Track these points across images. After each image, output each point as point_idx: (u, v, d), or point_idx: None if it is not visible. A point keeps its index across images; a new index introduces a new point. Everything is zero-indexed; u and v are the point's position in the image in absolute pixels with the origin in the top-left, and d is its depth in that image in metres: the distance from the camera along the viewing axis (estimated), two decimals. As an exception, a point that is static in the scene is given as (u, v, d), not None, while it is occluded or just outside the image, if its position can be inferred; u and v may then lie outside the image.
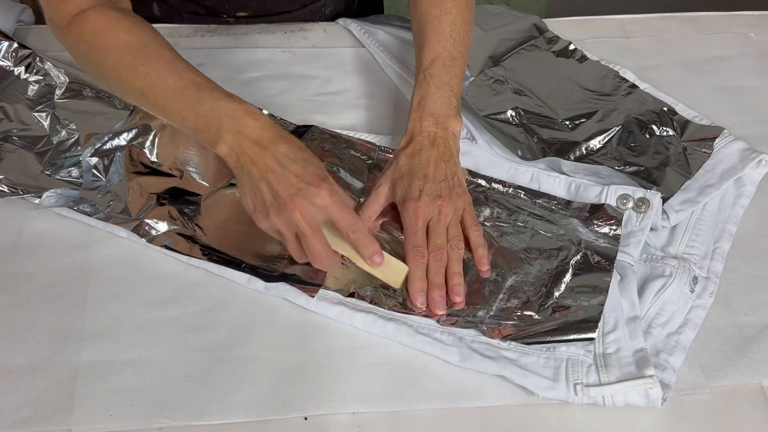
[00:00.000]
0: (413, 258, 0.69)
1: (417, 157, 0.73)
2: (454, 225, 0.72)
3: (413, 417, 0.64)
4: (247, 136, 0.65)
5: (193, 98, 0.67)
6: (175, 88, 0.68)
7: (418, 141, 0.74)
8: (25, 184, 0.77)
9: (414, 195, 0.71)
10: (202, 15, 0.97)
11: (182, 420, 0.63)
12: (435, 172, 0.72)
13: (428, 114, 0.75)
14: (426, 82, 0.76)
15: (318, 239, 0.65)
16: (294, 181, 0.64)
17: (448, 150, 0.74)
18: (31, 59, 0.87)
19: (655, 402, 0.63)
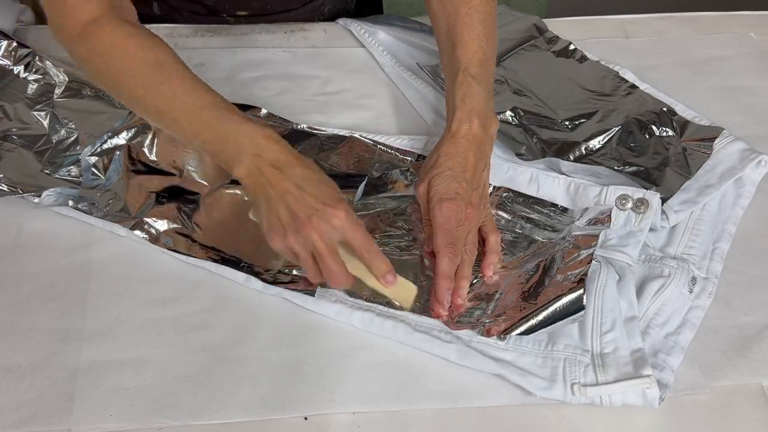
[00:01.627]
0: (447, 253, 0.69)
1: (459, 159, 0.73)
2: (473, 233, 0.72)
3: (413, 417, 0.64)
4: (266, 159, 0.66)
5: (212, 119, 0.68)
6: (193, 108, 0.68)
7: (462, 142, 0.73)
8: (24, 183, 0.77)
9: (451, 196, 0.71)
10: (202, 14, 0.97)
11: (182, 420, 0.63)
12: (473, 178, 0.72)
13: (474, 114, 0.74)
14: (467, 80, 0.75)
15: (334, 259, 0.65)
16: (311, 202, 0.64)
17: (485, 157, 0.75)
18: (30, 58, 0.87)
19: (653, 402, 0.63)
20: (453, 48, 0.77)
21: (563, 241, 0.72)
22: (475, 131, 0.73)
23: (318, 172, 0.67)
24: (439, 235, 0.70)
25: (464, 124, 0.74)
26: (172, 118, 0.69)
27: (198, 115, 0.68)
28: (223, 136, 0.67)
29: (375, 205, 0.77)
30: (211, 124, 0.67)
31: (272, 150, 0.66)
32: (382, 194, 0.77)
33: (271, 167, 0.66)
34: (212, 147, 0.68)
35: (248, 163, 0.66)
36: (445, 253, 0.69)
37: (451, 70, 0.77)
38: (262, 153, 0.66)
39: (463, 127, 0.74)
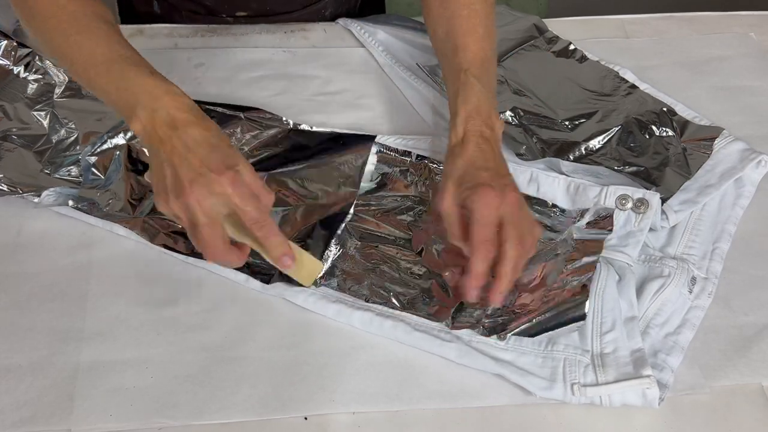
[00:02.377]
0: (485, 251, 0.64)
1: (475, 153, 0.69)
2: (526, 219, 0.67)
3: (413, 417, 0.64)
4: (161, 116, 0.62)
5: (117, 73, 0.65)
6: (103, 61, 0.66)
7: (473, 140, 0.70)
8: (24, 183, 0.77)
9: (486, 181, 0.66)
10: (201, 14, 0.97)
11: (182, 420, 0.63)
12: (497, 165, 0.70)
13: (476, 114, 0.72)
14: (470, 82, 0.73)
15: (211, 230, 0.60)
16: (196, 165, 0.60)
17: (498, 147, 0.72)
18: (30, 58, 0.87)
19: (653, 402, 0.63)
20: (454, 51, 0.76)
21: (564, 243, 0.72)
22: (482, 130, 0.72)
23: (216, 135, 0.62)
24: (477, 229, 0.64)
25: (470, 125, 0.72)
26: (83, 69, 0.67)
27: (105, 68, 0.65)
28: (124, 90, 0.64)
29: (375, 205, 0.77)
30: (116, 78, 0.65)
31: (170, 107, 0.63)
32: (382, 194, 0.77)
33: (165, 124, 0.62)
34: (114, 100, 0.66)
35: (143, 118, 0.63)
36: (480, 249, 0.64)
37: (452, 72, 0.76)
38: (159, 108, 0.63)
39: (469, 128, 0.72)
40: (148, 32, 0.94)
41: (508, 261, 0.63)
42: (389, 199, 0.77)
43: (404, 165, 0.80)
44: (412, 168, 0.80)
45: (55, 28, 0.68)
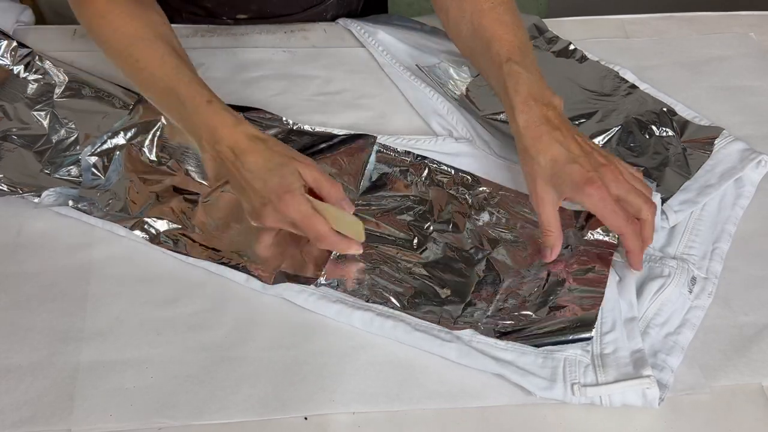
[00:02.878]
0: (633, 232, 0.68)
1: (555, 146, 0.69)
2: (632, 189, 0.68)
3: (413, 417, 0.64)
4: (224, 149, 0.69)
5: (176, 103, 0.72)
6: (163, 89, 0.72)
7: (544, 132, 0.69)
8: (24, 183, 0.77)
9: (583, 175, 0.67)
10: (201, 16, 0.97)
11: (182, 420, 0.63)
12: (577, 146, 0.69)
13: (533, 100, 0.71)
14: (514, 70, 0.72)
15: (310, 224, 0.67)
16: (261, 191, 0.67)
17: (567, 124, 0.71)
18: (30, 58, 0.87)
19: (653, 402, 0.63)
20: (487, 45, 0.75)
21: (566, 250, 0.72)
22: (545, 115, 0.70)
23: (273, 159, 0.68)
24: (609, 220, 0.67)
25: (532, 115, 0.70)
26: (149, 94, 0.74)
27: (166, 96, 0.72)
28: (186, 120, 0.71)
29: (375, 205, 0.77)
30: (177, 108, 0.72)
31: (228, 139, 0.69)
32: (382, 194, 0.77)
33: (229, 155, 0.69)
34: (182, 128, 0.73)
35: (210, 152, 0.70)
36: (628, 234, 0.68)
37: (492, 67, 0.74)
38: (220, 141, 0.69)
39: (533, 118, 0.70)
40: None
41: (648, 225, 0.69)
42: (389, 199, 0.77)
43: (404, 165, 0.80)
44: (412, 168, 0.80)
45: (117, 52, 0.74)
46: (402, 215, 0.76)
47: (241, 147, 0.68)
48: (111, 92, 0.85)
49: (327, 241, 0.68)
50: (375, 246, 0.73)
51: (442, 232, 0.75)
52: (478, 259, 0.73)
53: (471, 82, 0.87)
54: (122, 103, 0.84)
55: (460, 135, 0.83)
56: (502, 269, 0.72)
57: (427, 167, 0.79)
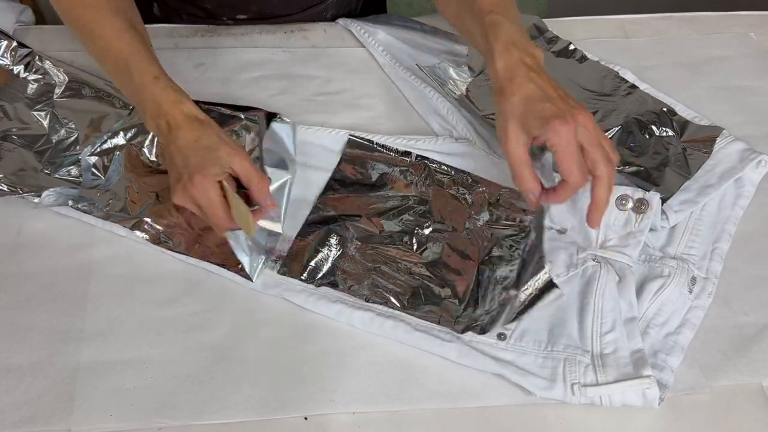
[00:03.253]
0: (573, 188, 0.65)
1: (528, 85, 0.67)
2: (606, 139, 0.67)
3: (413, 417, 0.64)
4: (162, 125, 0.69)
5: (127, 77, 0.72)
6: (115, 62, 0.73)
7: (520, 73, 0.68)
8: (24, 183, 0.77)
9: (555, 114, 0.65)
10: (201, 17, 0.97)
11: (182, 420, 0.63)
12: (554, 91, 0.68)
13: (513, 46, 0.69)
14: (495, 20, 0.71)
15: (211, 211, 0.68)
16: (180, 168, 0.68)
17: (547, 74, 0.70)
18: (30, 58, 0.87)
19: (653, 402, 0.63)
20: (471, 3, 0.74)
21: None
22: (524, 60, 0.69)
23: (198, 139, 0.68)
24: (562, 161, 0.65)
25: (511, 59, 0.69)
26: (102, 66, 0.74)
27: (118, 69, 0.73)
28: (136, 96, 0.72)
29: (374, 204, 0.77)
30: (127, 82, 0.72)
31: (169, 116, 0.69)
32: (382, 194, 0.77)
33: (167, 127, 0.69)
34: (133, 102, 0.73)
35: (152, 127, 0.71)
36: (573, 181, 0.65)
37: (475, 20, 0.73)
38: (161, 116, 0.69)
39: (511, 61, 0.69)
40: (148, 32, 0.94)
41: (603, 183, 0.65)
42: (390, 199, 0.77)
43: (404, 165, 0.80)
44: (412, 168, 0.80)
45: (77, 20, 0.75)
46: (402, 215, 0.76)
47: (177, 122, 0.69)
48: (111, 92, 0.85)
49: (220, 231, 0.69)
50: (375, 246, 0.73)
51: (442, 232, 0.75)
52: (478, 259, 0.73)
53: (471, 82, 0.87)
54: (122, 103, 0.84)
55: (460, 135, 0.83)
56: (497, 263, 0.72)
57: (427, 167, 0.79)
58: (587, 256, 0.72)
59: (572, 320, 0.68)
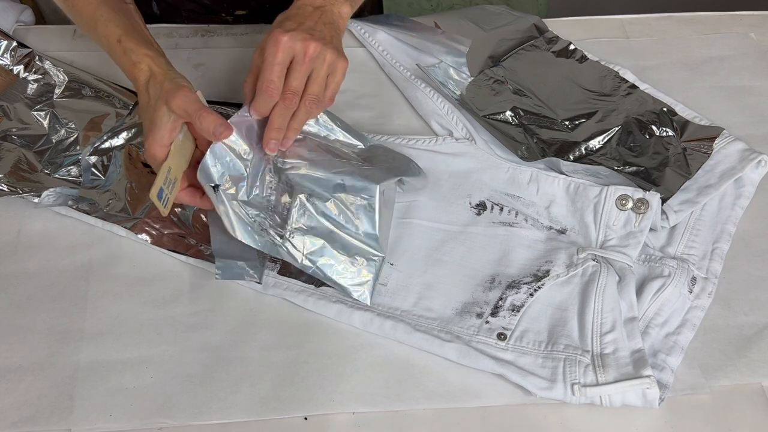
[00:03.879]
0: (263, 91, 0.67)
1: (294, 11, 0.71)
2: (318, 81, 0.69)
3: (413, 417, 0.64)
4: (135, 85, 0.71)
5: (99, 41, 0.73)
6: (89, 29, 0.74)
7: (299, 5, 0.72)
8: (24, 183, 0.77)
9: (283, 28, 0.68)
10: (200, 13, 0.97)
11: (182, 420, 0.63)
12: (312, 23, 0.70)
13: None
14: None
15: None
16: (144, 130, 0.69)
17: (332, 18, 0.72)
18: (30, 58, 0.87)
19: (653, 402, 0.63)
20: None
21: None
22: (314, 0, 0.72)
23: (148, 101, 0.68)
24: (261, 71, 0.67)
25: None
26: (87, 34, 0.75)
27: (92, 34, 0.74)
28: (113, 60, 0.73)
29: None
30: (103, 47, 0.73)
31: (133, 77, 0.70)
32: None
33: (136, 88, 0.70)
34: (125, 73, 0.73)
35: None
36: (260, 91, 0.67)
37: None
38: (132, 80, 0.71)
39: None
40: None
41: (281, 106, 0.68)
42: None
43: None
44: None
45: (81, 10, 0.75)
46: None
47: (137, 85, 0.70)
48: (111, 92, 0.85)
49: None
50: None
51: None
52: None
53: (470, 83, 0.87)
54: (122, 103, 0.84)
55: (460, 135, 0.83)
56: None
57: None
58: (587, 256, 0.72)
59: (572, 320, 0.68)
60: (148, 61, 0.70)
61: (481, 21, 0.93)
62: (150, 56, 0.70)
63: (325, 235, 0.68)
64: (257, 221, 0.68)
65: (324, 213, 0.68)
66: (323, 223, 0.68)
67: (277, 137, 0.69)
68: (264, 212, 0.68)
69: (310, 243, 0.68)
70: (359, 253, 0.69)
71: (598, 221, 0.75)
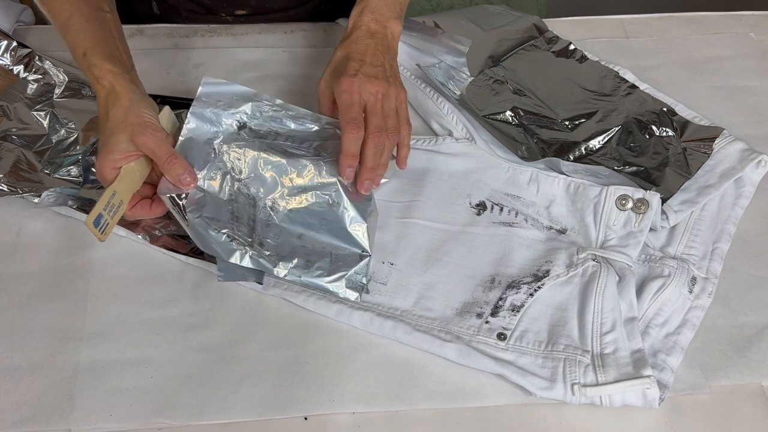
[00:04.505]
0: (350, 130, 0.70)
1: (354, 46, 0.75)
2: (392, 115, 0.73)
3: (413, 417, 0.64)
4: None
5: (70, 50, 0.73)
6: (62, 35, 0.74)
7: (356, 34, 0.76)
8: (24, 183, 0.77)
9: (350, 72, 0.72)
10: (200, 14, 0.97)
11: (182, 420, 0.63)
12: (372, 58, 0.74)
13: (369, 11, 0.77)
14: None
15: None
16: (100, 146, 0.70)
17: (386, 43, 0.76)
18: (30, 58, 0.87)
19: (653, 402, 0.63)
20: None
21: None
22: (370, 26, 0.76)
23: (106, 119, 0.69)
24: (342, 113, 0.71)
25: (358, 20, 0.76)
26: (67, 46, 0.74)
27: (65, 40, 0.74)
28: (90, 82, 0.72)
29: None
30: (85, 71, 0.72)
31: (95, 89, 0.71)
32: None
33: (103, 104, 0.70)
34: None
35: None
36: (348, 129, 0.70)
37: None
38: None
39: (356, 22, 0.76)
40: (148, 32, 0.94)
41: (368, 143, 0.70)
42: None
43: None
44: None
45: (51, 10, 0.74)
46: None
47: (99, 99, 0.70)
48: (111, 92, 0.85)
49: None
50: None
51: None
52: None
53: (470, 83, 0.87)
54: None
55: (460, 135, 0.83)
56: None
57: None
58: (587, 256, 0.72)
59: (572, 320, 0.68)
60: (110, 78, 0.70)
61: (481, 21, 0.93)
62: (113, 73, 0.70)
63: (295, 238, 0.70)
64: (224, 233, 0.69)
65: (289, 217, 0.70)
66: (290, 228, 0.70)
67: (371, 177, 0.71)
68: (229, 224, 0.69)
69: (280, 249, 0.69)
70: (334, 251, 0.70)
71: (598, 221, 0.75)
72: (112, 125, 0.69)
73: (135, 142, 0.68)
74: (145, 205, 0.71)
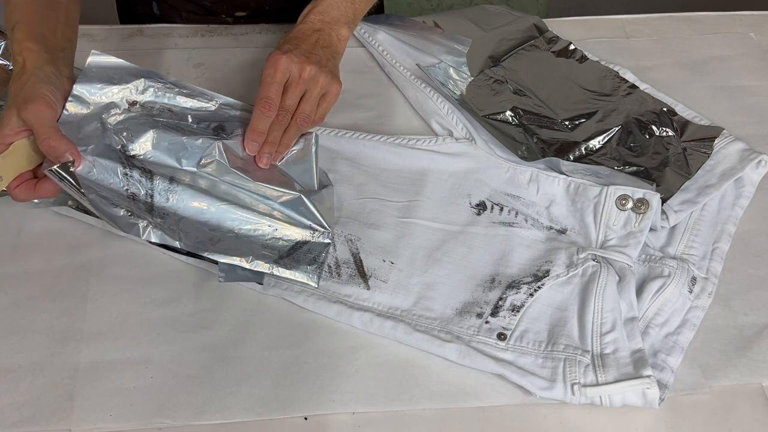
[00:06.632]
0: (260, 107, 0.71)
1: (293, 34, 0.75)
2: (310, 101, 0.73)
3: (413, 417, 0.64)
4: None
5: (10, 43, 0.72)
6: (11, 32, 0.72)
7: (299, 29, 0.76)
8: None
9: (282, 49, 0.72)
10: (200, 15, 0.97)
11: (182, 420, 0.63)
12: (310, 47, 0.74)
13: (317, 12, 0.77)
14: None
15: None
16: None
17: (330, 42, 0.76)
18: (30, 58, 0.87)
19: (653, 402, 0.63)
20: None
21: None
22: (315, 24, 0.76)
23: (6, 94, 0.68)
24: (260, 89, 0.71)
25: (309, 18, 0.77)
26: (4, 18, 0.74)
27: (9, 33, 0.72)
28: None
29: None
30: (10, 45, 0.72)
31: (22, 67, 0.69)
32: None
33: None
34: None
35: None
36: (258, 105, 0.70)
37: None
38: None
39: (304, 21, 0.77)
40: (148, 32, 0.94)
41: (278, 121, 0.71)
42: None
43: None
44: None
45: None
46: None
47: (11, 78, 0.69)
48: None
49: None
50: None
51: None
52: None
53: (470, 83, 0.87)
54: None
55: (460, 135, 0.83)
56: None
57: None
58: (587, 256, 0.72)
59: (572, 320, 0.69)
60: (26, 54, 0.69)
61: (481, 21, 0.93)
62: (31, 50, 0.69)
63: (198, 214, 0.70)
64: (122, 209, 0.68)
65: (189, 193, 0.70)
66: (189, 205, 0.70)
67: (270, 151, 0.72)
68: (125, 201, 0.69)
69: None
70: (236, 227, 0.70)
71: (598, 221, 0.75)
72: (9, 101, 0.68)
73: (20, 115, 0.67)
74: (30, 185, 0.69)
